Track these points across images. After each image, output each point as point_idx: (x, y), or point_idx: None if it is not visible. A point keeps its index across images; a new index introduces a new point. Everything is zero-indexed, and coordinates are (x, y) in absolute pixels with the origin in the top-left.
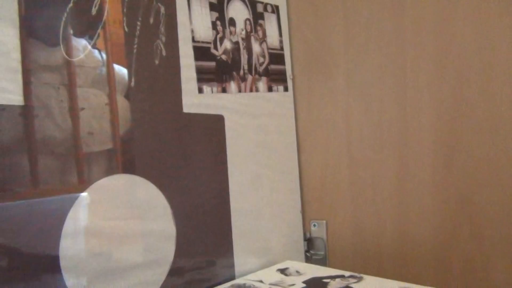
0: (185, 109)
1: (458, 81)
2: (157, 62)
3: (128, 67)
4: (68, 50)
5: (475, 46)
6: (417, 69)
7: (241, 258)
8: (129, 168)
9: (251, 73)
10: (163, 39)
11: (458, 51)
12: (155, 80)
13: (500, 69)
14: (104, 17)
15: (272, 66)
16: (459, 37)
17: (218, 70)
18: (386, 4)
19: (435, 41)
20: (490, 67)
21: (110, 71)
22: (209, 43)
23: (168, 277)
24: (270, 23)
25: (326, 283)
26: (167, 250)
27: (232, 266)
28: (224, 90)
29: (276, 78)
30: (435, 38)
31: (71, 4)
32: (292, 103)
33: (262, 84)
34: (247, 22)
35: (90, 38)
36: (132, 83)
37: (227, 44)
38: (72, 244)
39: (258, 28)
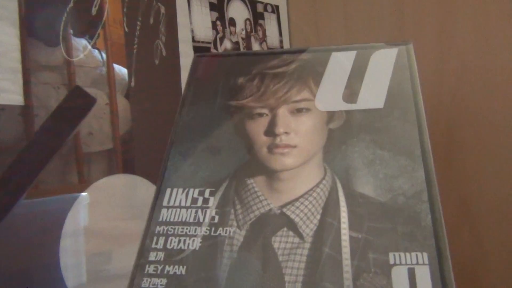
0: None
1: (458, 81)
2: (157, 62)
3: (128, 67)
4: (68, 50)
5: (475, 46)
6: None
7: None
8: (129, 168)
9: None
10: (163, 39)
11: (458, 51)
12: (155, 80)
13: (500, 69)
14: (104, 17)
15: None
16: (459, 38)
17: None
18: (386, 4)
19: (435, 41)
20: (490, 67)
21: (110, 71)
22: (209, 43)
23: None
24: (270, 23)
25: None
26: None
27: None
28: None
29: None
30: (435, 38)
31: (71, 4)
32: None
33: None
34: (247, 22)
35: (90, 38)
36: (132, 83)
37: (227, 44)
38: (72, 244)
39: (258, 28)
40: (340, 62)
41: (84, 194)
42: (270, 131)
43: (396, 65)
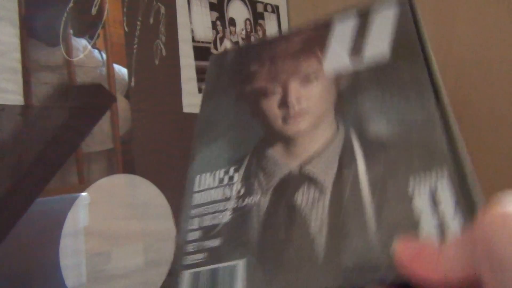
0: (185, 109)
1: (458, 81)
2: (157, 62)
3: (128, 67)
4: (68, 50)
5: (475, 46)
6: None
7: None
8: (129, 168)
9: None
10: (163, 39)
11: (458, 51)
12: (155, 80)
13: (500, 69)
14: (104, 17)
15: None
16: (459, 37)
17: None
18: None
19: (435, 41)
20: (490, 67)
21: (110, 71)
22: (209, 43)
23: (168, 277)
24: (270, 23)
25: None
26: (167, 250)
27: None
28: None
29: None
30: (435, 38)
31: (71, 4)
32: None
33: None
34: (247, 22)
35: (90, 38)
36: (132, 83)
37: (227, 44)
38: (72, 244)
39: (258, 28)
40: (343, 27)
41: (84, 194)
42: (283, 103)
43: (399, 19)
